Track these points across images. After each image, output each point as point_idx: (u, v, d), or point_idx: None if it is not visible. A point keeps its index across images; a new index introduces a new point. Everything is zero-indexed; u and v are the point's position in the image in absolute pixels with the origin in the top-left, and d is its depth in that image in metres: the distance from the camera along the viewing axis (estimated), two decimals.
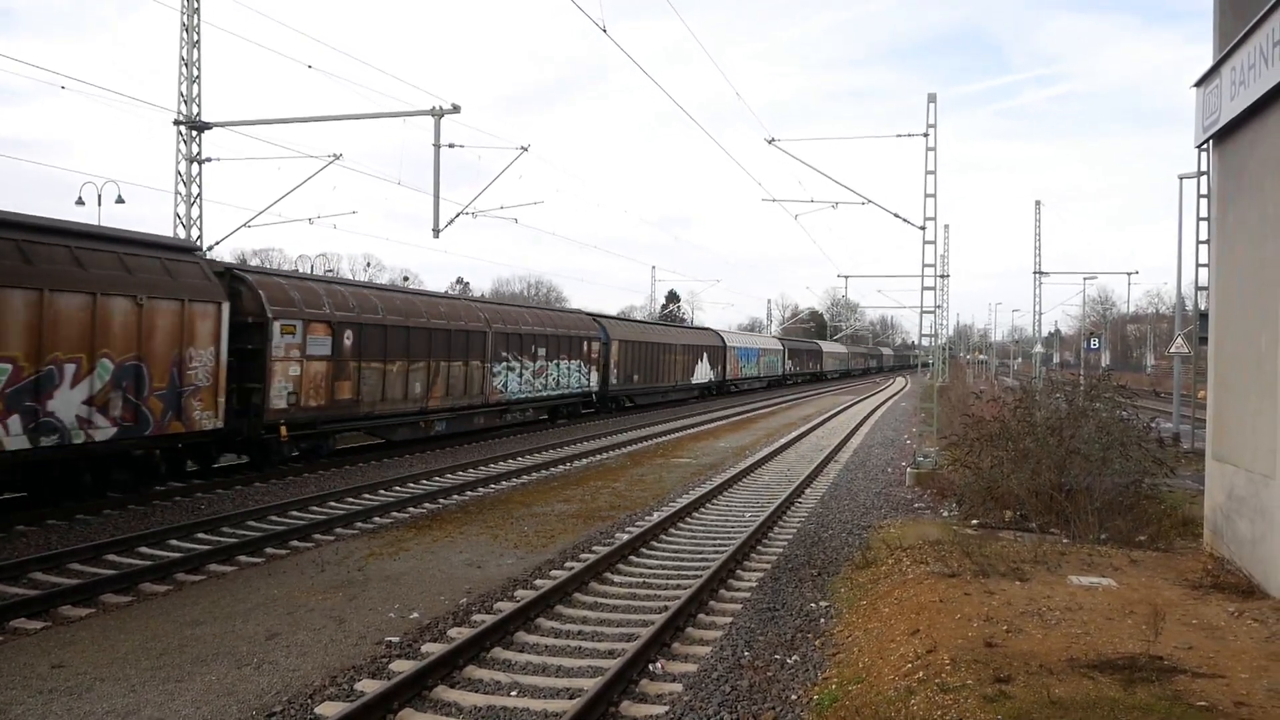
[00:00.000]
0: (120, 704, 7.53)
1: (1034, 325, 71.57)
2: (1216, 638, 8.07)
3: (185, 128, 27.03)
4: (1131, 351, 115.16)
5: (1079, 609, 8.85)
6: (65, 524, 14.59)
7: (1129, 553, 11.56)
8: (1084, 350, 60.75)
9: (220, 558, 12.50)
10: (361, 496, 17.61)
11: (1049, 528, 13.74)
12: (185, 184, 27.23)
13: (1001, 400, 20.87)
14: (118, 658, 8.62)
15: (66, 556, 12.21)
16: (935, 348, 48.58)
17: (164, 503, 16.53)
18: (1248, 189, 10.83)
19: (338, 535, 14.29)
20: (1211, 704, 6.38)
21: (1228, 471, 11.22)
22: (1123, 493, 14.18)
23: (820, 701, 7.52)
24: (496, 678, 8.29)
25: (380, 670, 8.40)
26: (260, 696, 7.73)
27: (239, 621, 9.78)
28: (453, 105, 25.83)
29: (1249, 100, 10.28)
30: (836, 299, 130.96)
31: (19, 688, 7.85)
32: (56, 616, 9.97)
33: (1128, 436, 15.03)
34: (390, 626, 9.68)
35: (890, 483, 20.74)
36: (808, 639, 9.47)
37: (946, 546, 11.89)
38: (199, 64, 26.99)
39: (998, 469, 15.48)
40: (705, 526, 15.39)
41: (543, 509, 16.75)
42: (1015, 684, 6.73)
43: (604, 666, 8.40)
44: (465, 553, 13.15)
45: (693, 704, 7.67)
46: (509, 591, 11.15)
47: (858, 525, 15.56)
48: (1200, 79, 12.20)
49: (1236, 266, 11.21)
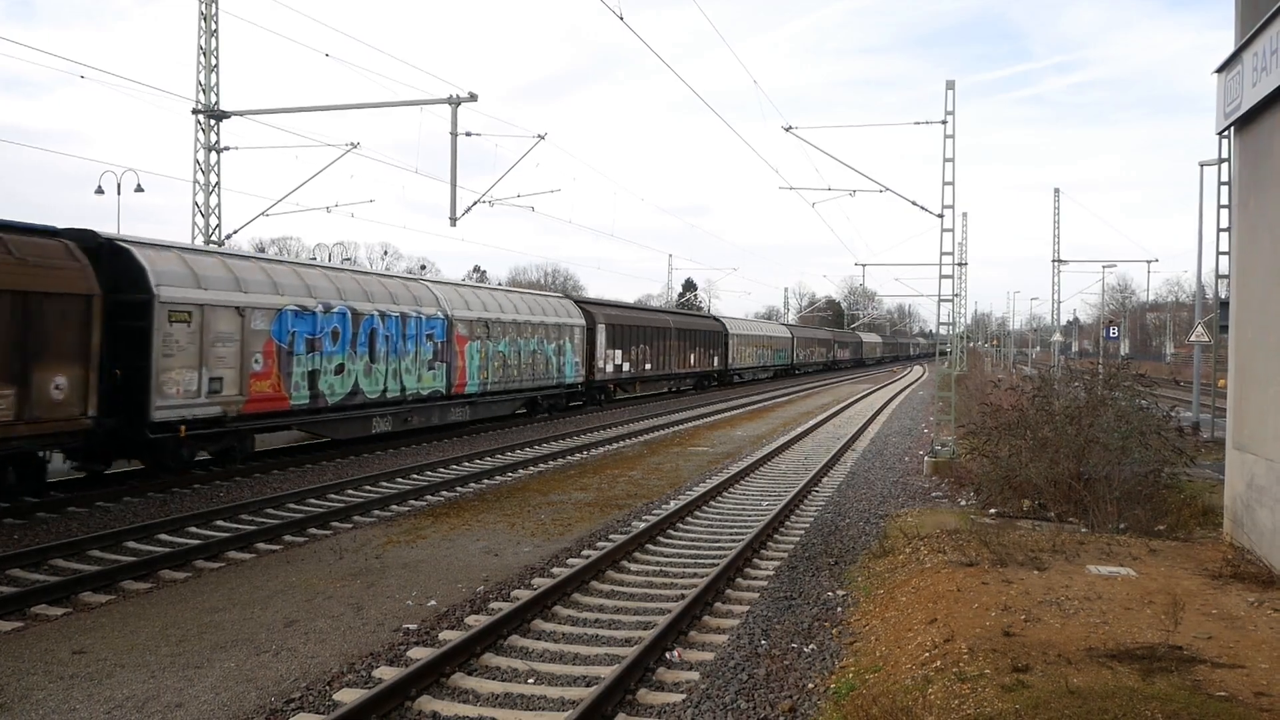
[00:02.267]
0: (140, 690, 7.59)
1: (1053, 313, 71.37)
2: (1236, 628, 8.02)
3: (204, 117, 27.12)
4: (1151, 340, 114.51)
5: (1097, 598, 8.80)
6: (85, 511, 14.71)
7: (1148, 542, 11.50)
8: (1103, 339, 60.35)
9: (239, 545, 12.57)
10: (379, 484, 17.67)
11: (1067, 517, 13.68)
12: (204, 173, 27.33)
13: (1020, 389, 20.78)
14: (138, 644, 8.69)
15: (87, 543, 12.31)
16: (953, 336, 48.33)
17: (183, 490, 16.64)
18: (1270, 176, 10.72)
19: (355, 523, 14.36)
20: (1231, 694, 6.34)
21: (1248, 460, 11.14)
22: (1142, 482, 14.10)
23: (838, 690, 7.51)
24: (514, 665, 8.31)
25: (398, 657, 8.44)
26: (279, 683, 7.78)
27: (258, 608, 9.84)
28: (470, 94, 25.85)
29: (1271, 86, 10.16)
30: (854, 287, 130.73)
31: (40, 673, 7.93)
32: (77, 603, 10.05)
33: (1147, 425, 14.95)
34: (408, 614, 9.72)
35: (908, 471, 20.69)
36: (825, 628, 9.46)
37: (964, 536, 11.85)
38: (217, 53, 27.07)
39: (1016, 458, 15.41)
40: (722, 515, 15.39)
41: (560, 497, 16.78)
42: (1033, 673, 6.70)
43: (621, 655, 8.42)
44: (483, 541, 13.19)
45: (710, 692, 7.67)
46: (526, 580, 11.18)
47: (875, 514, 15.53)
48: (1222, 65, 12.07)
49: (1258, 254, 11.11)
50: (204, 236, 27.08)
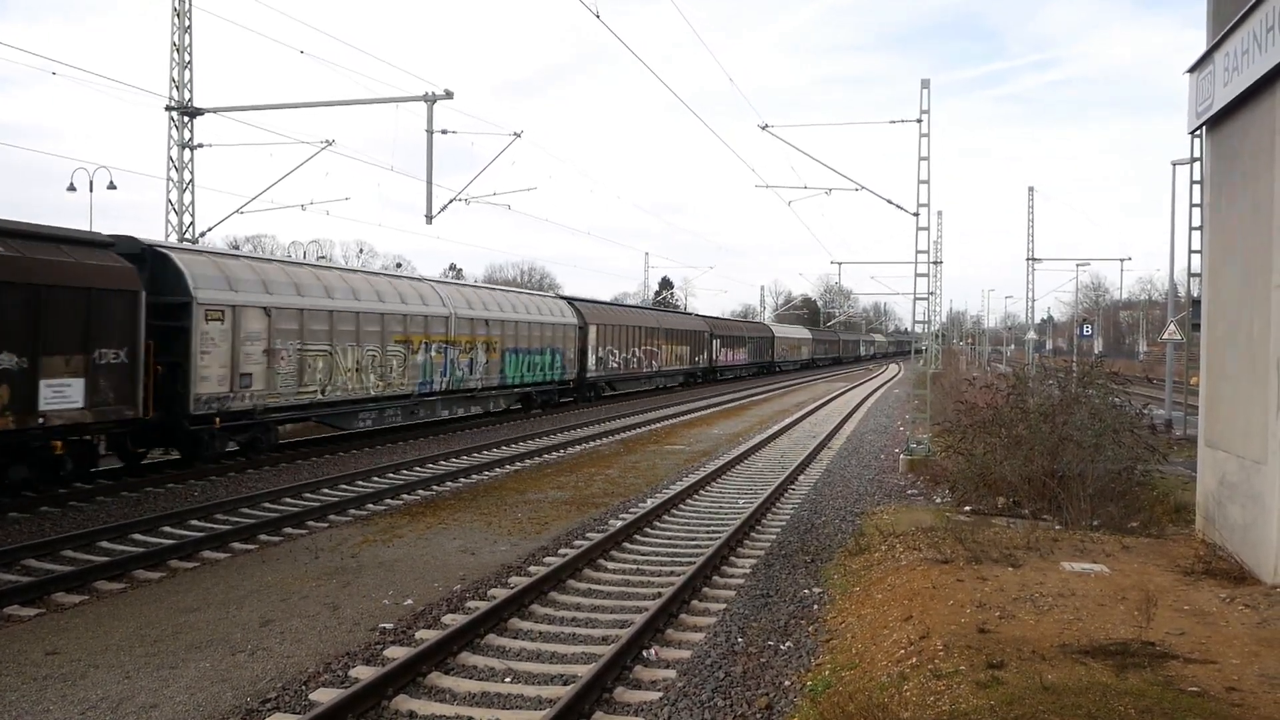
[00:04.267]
0: (114, 690, 7.53)
1: (1027, 312, 71.63)
2: (1208, 623, 8.11)
3: (177, 113, 26.90)
4: (1124, 338, 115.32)
5: (1071, 595, 8.88)
6: (58, 511, 14.58)
7: (1121, 539, 11.60)
8: (1077, 337, 60.76)
9: (214, 544, 12.49)
10: (355, 484, 17.59)
11: (1041, 514, 13.78)
12: (177, 170, 27.11)
13: (994, 387, 20.90)
14: (111, 644, 8.62)
15: (60, 543, 12.20)
16: (929, 334, 48.61)
17: (157, 490, 16.52)
18: (1240, 175, 10.83)
19: (331, 522, 14.29)
20: (1203, 689, 6.41)
21: (1219, 457, 11.26)
22: (1115, 479, 14.21)
23: (814, 687, 7.55)
24: (490, 664, 8.30)
25: (374, 657, 8.41)
26: (255, 683, 7.74)
27: (233, 608, 9.78)
28: (445, 91, 25.78)
29: (1242, 86, 10.27)
30: (830, 285, 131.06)
31: (13, 674, 7.85)
32: (50, 603, 9.96)
33: (1120, 423, 15.06)
34: (384, 613, 9.69)
35: (883, 469, 20.78)
36: (801, 625, 9.49)
37: (939, 533, 11.92)
38: (190, 49, 26.86)
39: (990, 455, 15.51)
40: (699, 513, 15.41)
41: (536, 495, 16.76)
42: (1008, 670, 6.75)
43: (598, 653, 8.41)
44: (459, 539, 13.16)
45: (686, 690, 7.68)
46: (503, 578, 11.16)
47: (851, 512, 15.59)
48: (1194, 65, 12.18)
49: (1229, 253, 11.22)
50: (178, 234, 26.85)
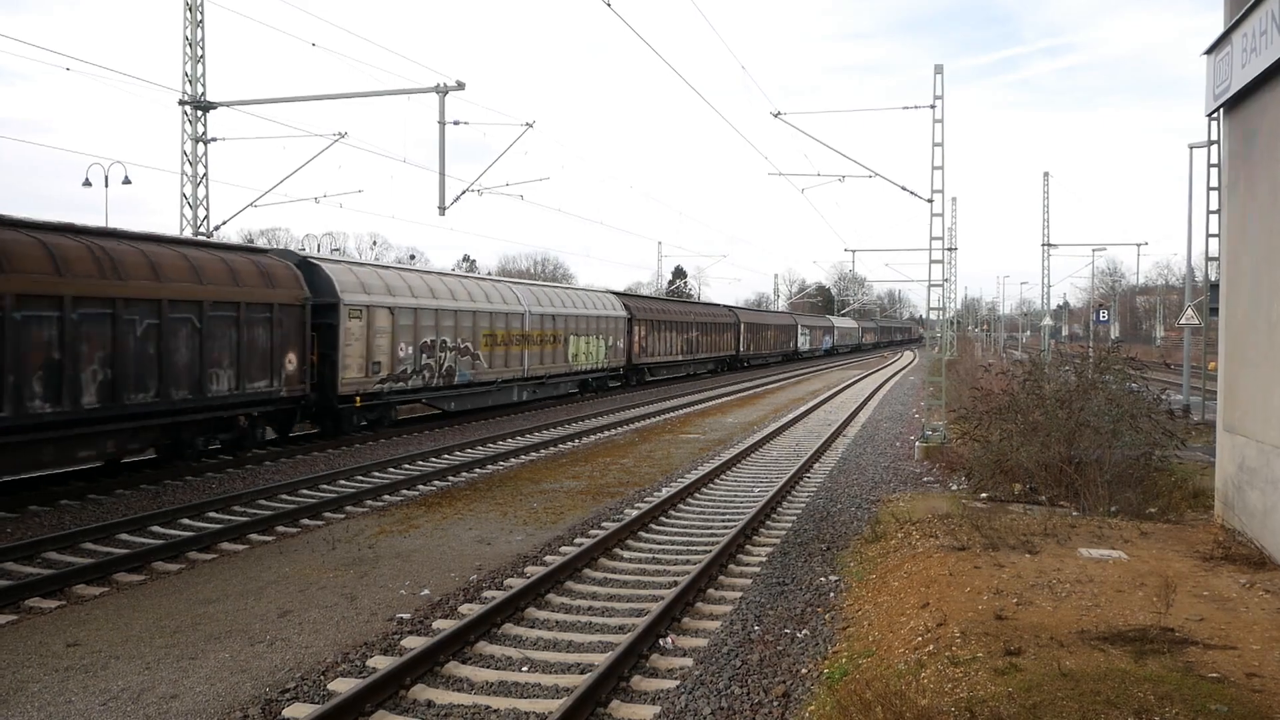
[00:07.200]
0: (135, 681, 7.58)
1: (1042, 298, 71.25)
2: (1228, 609, 8.06)
3: (190, 108, 26.96)
4: (1141, 323, 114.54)
5: (1089, 581, 8.84)
6: (78, 504, 14.67)
7: (1139, 525, 11.55)
8: (1093, 323, 60.44)
9: (232, 536, 12.56)
10: (371, 474, 17.66)
11: (1058, 500, 13.73)
12: (191, 164, 27.17)
13: (1010, 374, 20.81)
14: (132, 636, 8.68)
15: (80, 536, 12.28)
16: (943, 321, 48.45)
17: (176, 482, 16.61)
18: (1259, 157, 10.74)
19: (348, 513, 14.35)
20: (1223, 675, 6.38)
21: (1239, 443, 11.18)
22: (1133, 465, 14.15)
23: (831, 675, 7.54)
24: (508, 653, 8.32)
25: (392, 647, 8.44)
26: (273, 673, 7.78)
27: (251, 599, 9.83)
28: (457, 82, 25.72)
29: (1261, 67, 10.18)
30: (844, 273, 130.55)
31: (35, 666, 7.92)
32: (71, 595, 10.04)
33: (1137, 409, 15.00)
34: (401, 603, 9.73)
35: (899, 456, 20.74)
36: (817, 613, 9.49)
37: (955, 520, 11.89)
38: (203, 43, 26.89)
39: (1006, 442, 15.45)
40: (714, 502, 15.41)
41: (551, 485, 16.79)
42: (1025, 656, 6.73)
43: (614, 642, 8.44)
44: (475, 530, 13.20)
45: (703, 678, 7.69)
46: (519, 568, 11.18)
47: (866, 499, 15.57)
48: (1211, 46, 12.08)
49: (1247, 236, 11.13)
50: (192, 228, 26.93)
